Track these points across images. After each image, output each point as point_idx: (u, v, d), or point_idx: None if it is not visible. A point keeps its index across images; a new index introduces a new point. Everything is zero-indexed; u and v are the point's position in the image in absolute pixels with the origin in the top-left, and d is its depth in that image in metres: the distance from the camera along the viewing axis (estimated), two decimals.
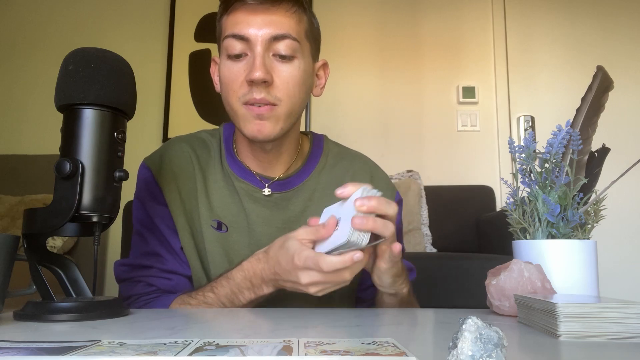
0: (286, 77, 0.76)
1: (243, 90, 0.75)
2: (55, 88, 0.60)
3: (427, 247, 2.14)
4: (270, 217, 0.83)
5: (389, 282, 0.71)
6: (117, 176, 0.61)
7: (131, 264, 0.82)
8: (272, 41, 0.75)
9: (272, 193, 0.83)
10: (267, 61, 0.75)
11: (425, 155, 2.54)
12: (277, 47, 0.75)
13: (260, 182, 0.84)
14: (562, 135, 0.69)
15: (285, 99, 0.76)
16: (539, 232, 0.69)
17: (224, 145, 0.87)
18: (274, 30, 0.74)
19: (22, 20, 2.64)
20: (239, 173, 0.84)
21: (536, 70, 2.59)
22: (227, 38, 0.76)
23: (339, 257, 0.61)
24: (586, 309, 0.46)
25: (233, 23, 0.76)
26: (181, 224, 0.82)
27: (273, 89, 0.75)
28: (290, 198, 0.85)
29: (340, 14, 2.61)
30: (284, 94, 0.76)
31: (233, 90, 0.76)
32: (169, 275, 0.82)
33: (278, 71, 0.75)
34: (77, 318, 0.55)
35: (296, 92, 0.77)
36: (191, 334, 0.44)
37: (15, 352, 0.35)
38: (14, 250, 0.56)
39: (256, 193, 0.83)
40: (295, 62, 0.77)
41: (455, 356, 0.28)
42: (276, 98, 0.75)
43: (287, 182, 0.85)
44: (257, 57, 0.74)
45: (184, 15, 2.63)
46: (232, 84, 0.76)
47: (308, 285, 0.64)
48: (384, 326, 0.53)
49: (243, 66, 0.75)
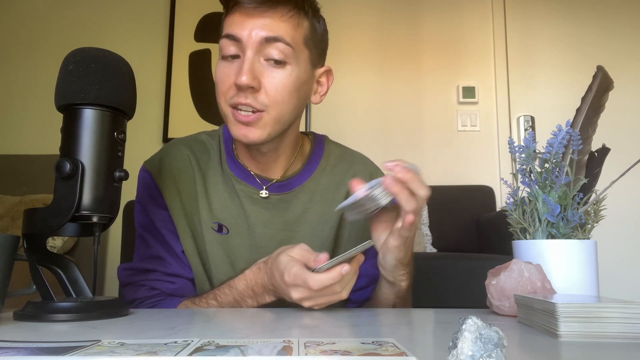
0: (276, 83, 0.74)
1: (231, 92, 0.75)
2: (55, 88, 0.60)
3: (427, 247, 2.14)
4: (270, 218, 0.83)
5: (392, 264, 0.71)
6: (117, 176, 0.61)
7: (134, 268, 0.82)
8: (263, 44, 0.73)
9: (270, 195, 0.83)
10: (257, 66, 0.73)
11: (425, 155, 2.54)
12: (269, 51, 0.73)
13: (259, 183, 0.84)
14: (562, 135, 0.69)
15: (273, 105, 0.74)
16: (539, 232, 0.69)
17: (224, 146, 0.87)
18: (266, 33, 0.73)
19: (22, 20, 2.64)
20: (239, 175, 0.84)
21: (536, 70, 2.59)
22: (222, 39, 0.76)
23: (327, 274, 0.61)
24: (586, 309, 0.46)
25: (229, 23, 0.76)
26: (182, 227, 0.82)
27: (260, 94, 0.73)
28: (290, 200, 0.84)
29: (340, 14, 2.61)
30: (272, 100, 0.74)
31: (222, 91, 0.76)
32: (172, 279, 0.81)
33: (268, 76, 0.74)
34: (77, 318, 0.55)
35: (286, 99, 0.75)
36: (191, 334, 0.44)
37: (15, 352, 0.35)
38: (14, 250, 0.56)
39: (255, 195, 0.83)
40: (287, 68, 0.75)
41: (455, 356, 0.28)
42: (262, 104, 0.74)
43: (287, 184, 0.85)
44: (245, 61, 0.73)
45: (184, 15, 2.63)
46: (222, 85, 0.76)
47: (300, 300, 0.64)
48: (384, 326, 0.53)
49: (234, 68, 0.74)
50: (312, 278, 0.61)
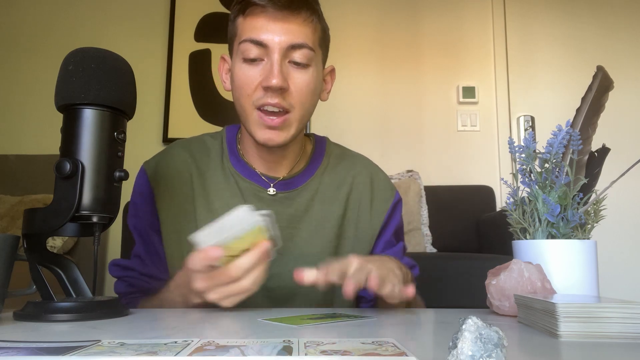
0: (301, 84, 0.77)
1: (258, 94, 0.76)
2: (55, 88, 0.60)
3: (427, 247, 2.14)
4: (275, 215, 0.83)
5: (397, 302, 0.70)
6: (117, 176, 0.61)
7: (118, 264, 0.85)
8: (289, 49, 0.75)
9: (277, 192, 0.84)
10: (284, 68, 0.76)
11: (425, 155, 2.54)
12: (294, 55, 0.76)
13: (265, 182, 0.85)
14: (562, 135, 0.69)
15: (298, 105, 0.77)
16: (539, 232, 0.69)
17: (227, 146, 0.88)
18: (292, 39, 0.75)
19: (22, 20, 2.64)
20: (244, 173, 0.85)
21: (536, 70, 2.59)
22: (244, 42, 0.76)
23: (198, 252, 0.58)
24: (586, 309, 0.46)
25: (251, 27, 0.76)
26: (169, 230, 0.83)
27: (288, 95, 0.76)
28: (294, 197, 0.85)
29: (341, 14, 2.61)
30: (297, 101, 0.77)
31: (247, 94, 0.77)
32: (146, 279, 0.84)
33: (293, 78, 0.76)
34: (77, 318, 0.55)
35: (309, 99, 0.78)
36: (191, 334, 0.44)
37: (15, 352, 0.35)
38: (14, 250, 0.56)
39: (261, 193, 0.84)
40: (310, 70, 0.78)
41: (455, 356, 0.28)
42: (290, 105, 0.76)
43: (291, 182, 0.86)
44: (274, 64, 0.74)
45: (184, 15, 2.63)
46: (247, 88, 0.77)
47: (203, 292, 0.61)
48: (384, 326, 0.53)
49: (259, 71, 0.76)
50: (190, 256, 0.59)
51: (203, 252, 0.58)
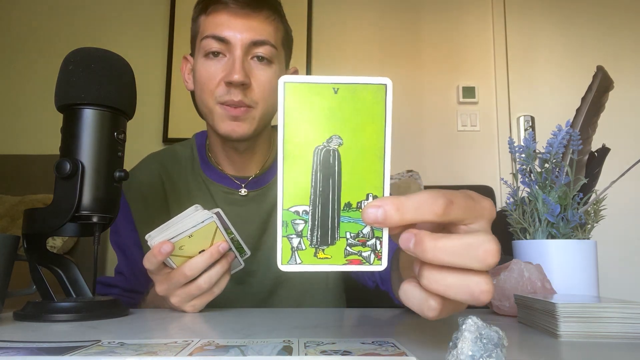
0: (263, 80, 0.77)
1: (220, 90, 0.76)
2: (55, 88, 0.60)
3: None
4: (248, 215, 0.84)
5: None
6: (117, 176, 0.61)
7: (103, 282, 0.85)
8: (251, 46, 0.76)
9: (249, 192, 0.85)
10: (246, 64, 0.76)
11: (425, 155, 2.54)
12: (256, 51, 0.77)
13: (236, 183, 0.86)
14: (562, 135, 0.69)
15: (261, 102, 0.78)
16: (539, 232, 0.69)
17: (197, 152, 0.89)
18: (254, 35, 0.76)
19: (23, 21, 2.64)
20: (214, 177, 0.86)
21: (536, 70, 2.59)
22: (206, 38, 0.77)
23: (150, 251, 0.58)
24: (586, 309, 0.46)
25: (213, 24, 0.77)
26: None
27: (250, 91, 0.77)
28: (266, 193, 0.86)
29: (341, 14, 2.61)
30: (260, 97, 0.77)
31: (209, 89, 0.77)
32: (130, 294, 0.85)
33: (256, 75, 0.77)
34: (77, 318, 0.55)
35: (272, 96, 0.79)
36: (191, 334, 0.44)
37: (15, 352, 0.35)
38: (14, 250, 0.56)
39: (233, 195, 0.85)
40: (273, 67, 0.79)
41: (455, 356, 0.28)
42: (252, 101, 0.77)
43: (262, 179, 0.87)
44: (236, 60, 0.75)
45: (184, 14, 2.62)
46: (209, 83, 0.77)
47: (165, 295, 0.61)
48: (384, 326, 0.53)
49: (221, 66, 0.76)
50: (145, 257, 0.59)
51: (154, 249, 0.59)
